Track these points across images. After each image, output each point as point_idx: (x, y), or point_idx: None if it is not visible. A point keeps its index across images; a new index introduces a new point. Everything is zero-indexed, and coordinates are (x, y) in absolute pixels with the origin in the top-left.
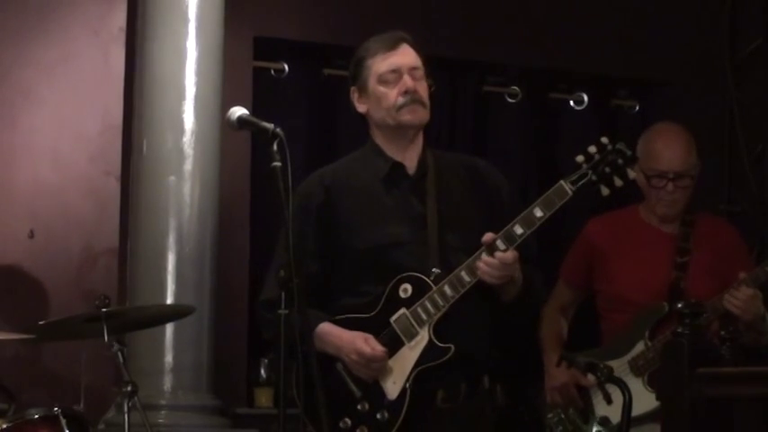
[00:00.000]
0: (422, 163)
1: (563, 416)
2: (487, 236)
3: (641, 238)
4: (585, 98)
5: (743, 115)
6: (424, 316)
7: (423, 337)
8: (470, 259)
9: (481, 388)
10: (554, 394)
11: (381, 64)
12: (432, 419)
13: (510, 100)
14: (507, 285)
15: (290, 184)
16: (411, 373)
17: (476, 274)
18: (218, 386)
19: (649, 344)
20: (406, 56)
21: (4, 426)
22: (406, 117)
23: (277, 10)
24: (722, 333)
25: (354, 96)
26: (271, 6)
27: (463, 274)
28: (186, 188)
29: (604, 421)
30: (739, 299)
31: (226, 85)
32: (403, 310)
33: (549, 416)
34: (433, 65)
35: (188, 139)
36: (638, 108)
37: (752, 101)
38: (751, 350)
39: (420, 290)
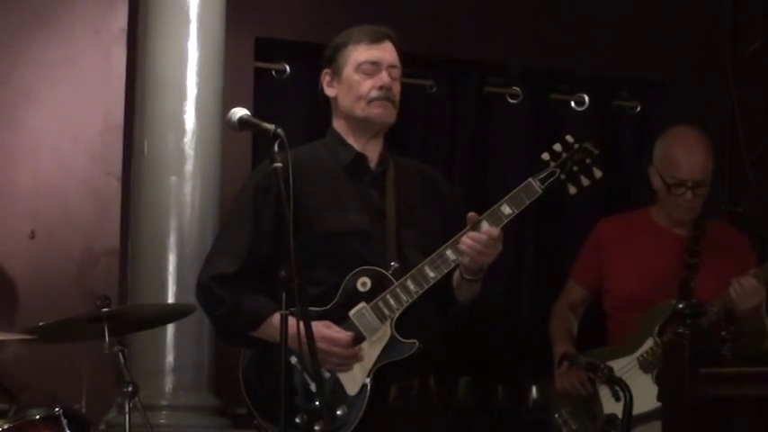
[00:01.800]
0: (383, 159)
1: (570, 414)
2: (472, 214)
3: (652, 239)
4: (586, 99)
5: (744, 116)
6: (386, 311)
7: (385, 333)
8: (434, 254)
9: (429, 386)
10: (563, 379)
11: (362, 53)
12: (385, 417)
13: (511, 101)
14: (471, 283)
15: (292, 184)
16: (372, 368)
17: (440, 270)
18: (218, 386)
19: (658, 341)
20: (387, 52)
21: (6, 426)
22: (376, 111)
23: (278, 11)
24: (723, 334)
25: (325, 79)
26: (272, 7)
27: (427, 269)
28: (187, 189)
29: (612, 418)
30: (743, 285)
31: (227, 86)
32: (362, 304)
33: (556, 415)
34: (433, 65)
35: (189, 139)
36: (639, 109)
37: (753, 101)
38: (752, 356)
39: (380, 284)
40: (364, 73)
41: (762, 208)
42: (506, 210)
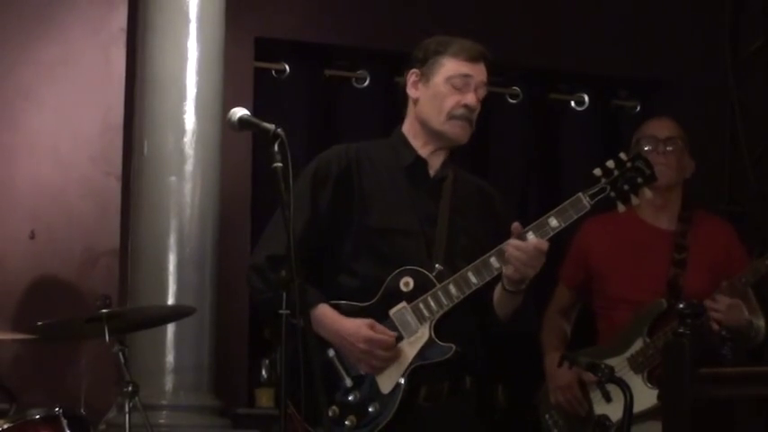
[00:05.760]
0: (443, 168)
1: (560, 415)
2: (516, 224)
3: (638, 236)
4: (586, 99)
5: (744, 115)
6: (426, 312)
7: (423, 334)
8: (478, 261)
9: (463, 387)
10: (558, 394)
11: (457, 66)
12: (413, 416)
13: (511, 100)
14: (511, 296)
15: (291, 184)
16: (407, 368)
17: (483, 276)
18: (218, 386)
19: (648, 341)
20: (481, 72)
21: (6, 426)
22: (453, 130)
23: (278, 10)
24: (723, 333)
25: (411, 79)
26: (272, 7)
27: (470, 274)
28: (187, 188)
29: (603, 420)
30: (719, 309)
31: (227, 86)
32: (403, 304)
33: (547, 416)
34: None
35: (189, 139)
36: (639, 109)
37: (753, 101)
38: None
39: (422, 285)
40: (453, 87)
41: (762, 208)
42: (553, 223)
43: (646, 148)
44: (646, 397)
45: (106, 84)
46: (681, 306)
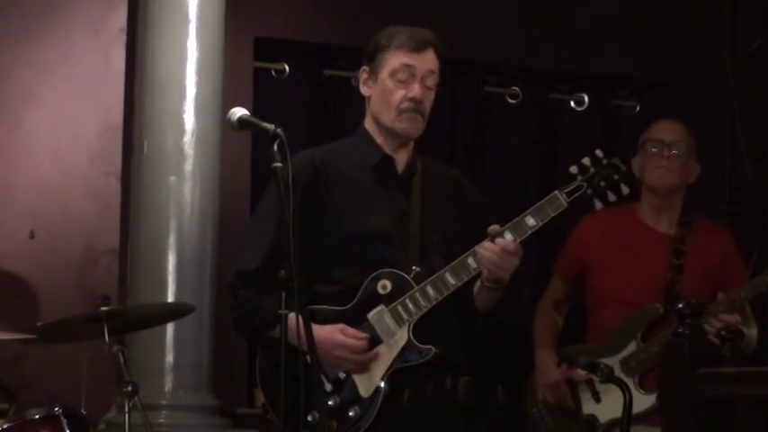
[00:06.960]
0: (411, 163)
1: (547, 409)
2: (493, 227)
3: (637, 237)
4: (586, 99)
5: (743, 115)
6: (404, 315)
7: (401, 337)
8: (455, 261)
9: (445, 387)
10: (546, 392)
11: (400, 58)
12: (398, 418)
13: (510, 100)
14: (491, 291)
15: (291, 184)
16: (387, 371)
17: (461, 277)
18: (218, 386)
19: (642, 345)
20: (427, 60)
21: (5, 426)
22: (403, 125)
23: (278, 10)
24: (723, 333)
25: (362, 77)
26: (271, 7)
27: (447, 275)
28: (187, 188)
29: (591, 419)
30: (716, 326)
31: (226, 86)
32: (381, 307)
33: (534, 410)
34: None
35: (188, 139)
36: (638, 109)
37: (752, 101)
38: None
39: (400, 287)
40: (398, 81)
41: (762, 208)
42: (530, 221)
43: (652, 150)
44: (637, 402)
45: (106, 84)
46: (680, 306)
